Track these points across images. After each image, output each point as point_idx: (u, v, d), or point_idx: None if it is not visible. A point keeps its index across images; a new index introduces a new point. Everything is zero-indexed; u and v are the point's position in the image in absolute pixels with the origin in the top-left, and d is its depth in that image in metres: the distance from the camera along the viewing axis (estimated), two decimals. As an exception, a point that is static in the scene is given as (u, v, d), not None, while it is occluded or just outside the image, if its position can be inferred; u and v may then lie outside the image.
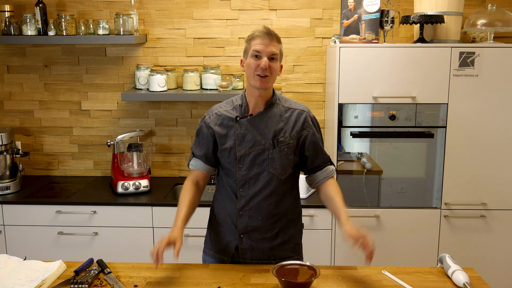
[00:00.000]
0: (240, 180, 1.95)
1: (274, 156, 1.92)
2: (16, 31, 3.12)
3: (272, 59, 1.86)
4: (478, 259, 2.94)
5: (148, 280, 1.84)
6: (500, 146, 2.83)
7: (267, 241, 1.99)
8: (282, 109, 1.96)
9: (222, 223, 2.04)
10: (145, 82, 3.18)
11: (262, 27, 1.89)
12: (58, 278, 1.84)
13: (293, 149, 1.95)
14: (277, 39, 1.89)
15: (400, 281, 1.82)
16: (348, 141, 2.89)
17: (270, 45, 1.85)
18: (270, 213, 1.97)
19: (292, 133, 1.94)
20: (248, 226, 1.97)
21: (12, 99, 3.43)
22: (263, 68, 1.83)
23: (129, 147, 3.16)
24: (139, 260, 2.90)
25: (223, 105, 2.02)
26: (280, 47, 1.90)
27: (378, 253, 2.93)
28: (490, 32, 2.86)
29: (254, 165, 1.92)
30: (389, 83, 2.78)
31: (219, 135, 1.96)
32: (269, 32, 1.86)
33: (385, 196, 2.91)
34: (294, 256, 2.04)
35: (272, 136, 1.92)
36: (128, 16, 3.08)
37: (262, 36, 1.85)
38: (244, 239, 1.99)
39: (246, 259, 2.00)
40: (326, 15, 3.23)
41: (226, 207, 2.02)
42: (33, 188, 3.19)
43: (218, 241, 2.05)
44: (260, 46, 1.84)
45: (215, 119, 1.98)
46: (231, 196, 1.99)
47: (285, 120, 1.95)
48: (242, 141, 1.93)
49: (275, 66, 1.88)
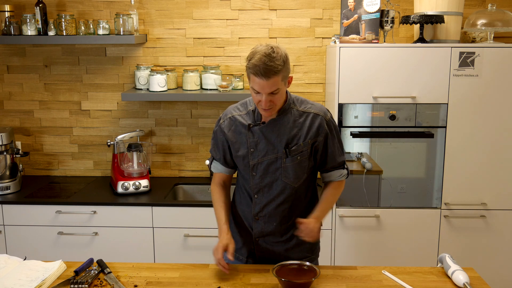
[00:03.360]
0: (254, 188, 1.95)
1: (287, 165, 1.90)
2: (16, 31, 3.12)
3: (273, 93, 1.77)
4: (478, 259, 2.94)
5: (148, 280, 1.84)
6: (500, 146, 2.83)
7: (282, 244, 2.00)
8: (296, 113, 1.90)
9: (240, 223, 2.06)
10: (145, 82, 3.18)
11: (260, 57, 1.70)
12: (58, 278, 1.84)
13: (307, 156, 1.91)
14: (275, 72, 1.71)
15: (400, 281, 1.82)
16: (348, 141, 2.89)
17: (267, 85, 1.72)
18: (284, 219, 1.97)
19: (306, 140, 1.89)
20: (264, 231, 1.98)
21: (12, 99, 3.43)
22: (263, 106, 1.79)
23: (129, 147, 3.16)
24: (139, 260, 2.90)
25: (238, 107, 1.97)
26: (282, 75, 1.75)
27: (378, 253, 2.94)
28: (490, 32, 2.86)
29: (267, 174, 1.91)
30: (389, 83, 2.78)
31: (232, 142, 1.95)
32: (265, 72, 1.69)
33: (385, 196, 2.91)
34: (311, 256, 2.04)
35: (284, 145, 1.88)
36: (128, 16, 3.08)
37: (258, 76, 1.71)
38: (260, 242, 2.00)
39: (262, 262, 2.02)
40: (326, 15, 3.23)
41: (243, 209, 2.03)
42: (33, 188, 3.19)
43: (235, 240, 2.03)
44: (258, 87, 1.74)
45: (229, 124, 1.96)
46: (247, 199, 2.00)
47: (299, 125, 1.89)
48: (255, 150, 1.90)
49: (278, 98, 1.79)
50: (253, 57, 1.72)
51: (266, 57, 1.69)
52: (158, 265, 1.96)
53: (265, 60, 1.69)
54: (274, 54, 1.71)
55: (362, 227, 2.91)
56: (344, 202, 2.90)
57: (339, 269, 1.92)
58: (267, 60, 1.69)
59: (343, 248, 2.92)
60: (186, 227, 2.90)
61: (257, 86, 1.74)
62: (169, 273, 1.89)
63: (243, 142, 1.93)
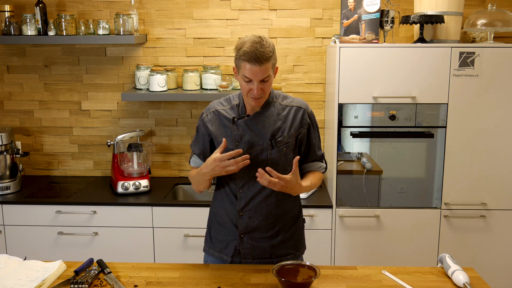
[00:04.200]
0: (239, 182, 1.95)
1: (273, 156, 1.92)
2: (16, 31, 3.12)
3: (264, 81, 1.81)
4: (478, 259, 2.94)
5: (148, 280, 1.84)
6: (500, 146, 2.83)
7: (268, 240, 1.99)
8: (279, 107, 1.95)
9: (222, 223, 2.04)
10: (145, 82, 3.18)
11: (251, 44, 1.75)
12: (58, 278, 1.84)
13: (292, 147, 1.95)
14: (267, 58, 1.77)
15: (400, 281, 1.82)
16: (348, 141, 2.89)
17: (260, 71, 1.77)
18: (270, 213, 1.97)
19: (290, 132, 1.93)
20: (249, 226, 1.97)
21: (12, 99, 3.43)
22: (255, 94, 1.82)
23: (129, 147, 3.16)
24: (139, 260, 2.90)
25: (222, 102, 2.00)
26: (272, 63, 1.81)
27: (378, 253, 2.94)
28: (490, 32, 2.86)
29: (253, 166, 1.92)
30: (389, 83, 2.78)
31: (215, 136, 1.96)
32: (258, 58, 1.75)
33: (385, 196, 2.91)
34: (295, 253, 2.04)
35: (270, 136, 1.91)
36: (128, 16, 3.08)
37: (251, 62, 1.75)
38: (245, 239, 1.99)
39: (247, 258, 2.00)
40: (326, 15, 3.23)
41: (225, 207, 2.02)
42: (33, 188, 3.19)
43: (219, 240, 2.05)
44: (250, 73, 1.78)
45: (212, 118, 1.98)
46: (230, 196, 1.99)
47: (283, 118, 1.94)
48: (240, 143, 1.92)
49: (268, 86, 1.84)
50: (243, 45, 1.78)
51: (257, 43, 1.76)
52: (158, 265, 1.96)
53: (257, 46, 1.75)
54: (264, 42, 1.78)
55: (362, 227, 2.91)
56: (344, 202, 2.90)
57: (339, 269, 1.92)
58: (258, 46, 1.75)
59: (343, 248, 2.92)
60: (186, 227, 2.90)
61: (249, 73, 1.78)
62: (169, 273, 1.89)
63: (227, 135, 1.93)
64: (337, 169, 2.89)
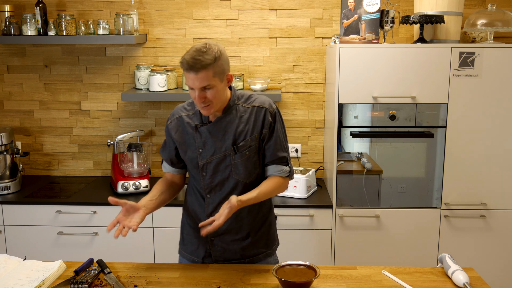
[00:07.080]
0: (206, 188, 1.94)
1: (236, 161, 1.89)
2: (16, 31, 3.12)
3: (205, 89, 1.76)
4: (478, 259, 2.94)
5: (148, 280, 1.84)
6: (500, 146, 2.83)
7: (239, 242, 1.98)
8: (241, 109, 1.90)
9: (193, 225, 2.03)
10: (145, 82, 3.18)
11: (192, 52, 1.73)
12: (58, 278, 1.84)
13: (255, 150, 1.90)
14: (204, 66, 1.71)
15: (400, 281, 1.82)
16: (348, 141, 2.89)
17: (197, 79, 1.72)
18: (239, 216, 1.94)
19: (253, 135, 1.88)
20: (218, 230, 1.93)
21: (12, 99, 3.43)
22: (197, 102, 1.78)
23: (129, 147, 3.16)
24: (139, 260, 2.90)
25: (186, 107, 1.97)
26: (214, 71, 1.74)
27: (378, 253, 2.94)
28: (490, 32, 2.86)
29: (217, 173, 1.90)
30: (389, 83, 2.78)
31: (179, 143, 1.95)
32: (192, 66, 1.71)
33: (385, 196, 2.91)
34: (266, 251, 2.04)
35: (232, 142, 1.88)
36: (128, 16, 3.08)
37: (187, 70, 1.73)
38: (216, 242, 1.98)
39: (219, 260, 2.00)
40: (326, 15, 3.23)
41: (196, 210, 2.01)
42: (33, 188, 3.19)
43: (190, 242, 2.05)
44: (188, 81, 1.75)
45: (176, 125, 1.96)
46: (200, 199, 1.99)
47: (244, 121, 1.89)
48: (203, 150, 1.90)
49: (212, 93, 1.76)
50: (187, 53, 1.77)
51: (196, 52, 1.73)
52: (158, 265, 1.96)
53: (194, 54, 1.72)
54: (205, 49, 1.73)
55: (362, 227, 2.91)
56: (344, 202, 2.90)
57: (339, 269, 1.92)
58: (196, 54, 1.72)
59: (343, 248, 2.92)
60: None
61: (188, 81, 1.76)
62: (169, 273, 1.89)
63: (190, 143, 1.92)
64: (337, 169, 2.89)
